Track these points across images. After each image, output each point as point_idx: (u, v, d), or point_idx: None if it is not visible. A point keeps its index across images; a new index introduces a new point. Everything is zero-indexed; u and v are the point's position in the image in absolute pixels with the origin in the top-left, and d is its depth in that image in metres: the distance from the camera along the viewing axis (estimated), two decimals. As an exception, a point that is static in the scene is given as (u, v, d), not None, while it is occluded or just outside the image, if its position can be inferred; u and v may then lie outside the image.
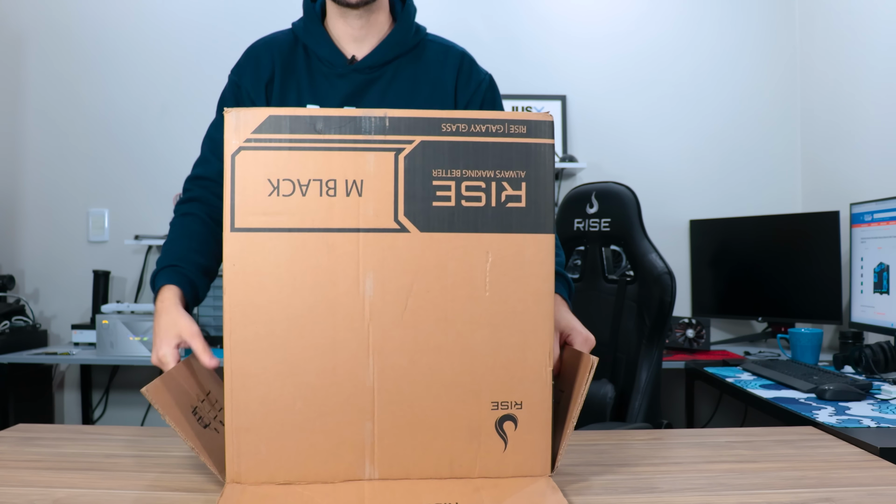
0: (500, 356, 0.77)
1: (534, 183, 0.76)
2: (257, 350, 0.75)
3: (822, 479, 0.88)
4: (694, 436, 1.17)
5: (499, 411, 0.78)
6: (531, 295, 0.77)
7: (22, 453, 0.98)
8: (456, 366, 0.77)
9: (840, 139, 2.61)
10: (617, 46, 2.92)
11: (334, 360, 0.76)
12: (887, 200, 2.05)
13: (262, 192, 0.74)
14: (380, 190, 0.75)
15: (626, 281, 1.64)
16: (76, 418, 2.90)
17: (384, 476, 0.77)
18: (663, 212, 2.81)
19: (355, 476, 0.76)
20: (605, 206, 1.70)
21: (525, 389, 0.78)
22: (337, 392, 0.76)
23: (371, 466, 0.76)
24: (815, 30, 2.78)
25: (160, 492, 0.83)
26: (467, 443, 0.77)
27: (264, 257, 0.75)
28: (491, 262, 0.76)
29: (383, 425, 0.76)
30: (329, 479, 0.76)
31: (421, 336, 0.76)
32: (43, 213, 2.91)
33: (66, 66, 2.90)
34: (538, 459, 0.79)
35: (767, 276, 2.56)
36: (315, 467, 0.76)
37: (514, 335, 0.77)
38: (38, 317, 2.88)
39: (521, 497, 0.75)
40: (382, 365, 0.76)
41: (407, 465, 0.77)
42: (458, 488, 0.76)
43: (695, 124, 2.91)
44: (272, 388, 0.75)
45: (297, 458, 0.76)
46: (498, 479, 0.78)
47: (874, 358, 1.84)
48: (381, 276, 0.75)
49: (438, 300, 0.76)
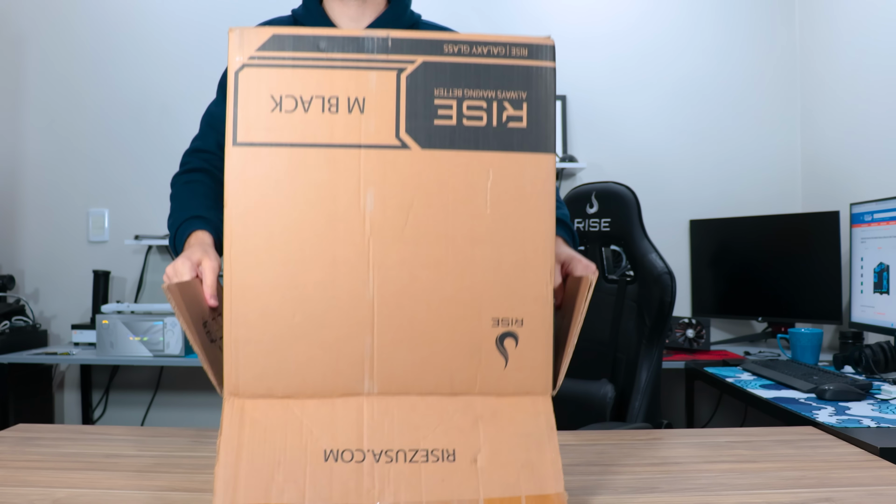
0: (501, 273, 0.77)
1: (535, 104, 0.77)
2: (257, 262, 0.75)
3: (822, 479, 0.88)
4: (694, 436, 1.17)
5: (499, 328, 0.77)
6: (532, 213, 0.78)
7: (22, 453, 0.98)
8: (456, 282, 0.77)
9: (840, 139, 2.61)
10: (617, 46, 2.92)
11: (334, 273, 0.75)
12: (887, 200, 2.05)
13: (264, 108, 0.75)
14: (381, 107, 0.75)
15: (626, 281, 1.64)
16: (76, 418, 2.90)
17: (383, 391, 0.76)
18: (663, 212, 2.81)
19: (354, 391, 0.76)
20: (605, 206, 1.70)
21: (526, 307, 0.78)
22: (336, 305, 0.75)
23: (370, 381, 0.76)
24: (816, 29, 2.78)
25: (160, 492, 0.83)
26: (468, 359, 0.77)
27: (265, 171, 0.75)
28: (492, 179, 0.77)
29: (383, 340, 0.76)
30: (328, 393, 0.75)
31: (421, 251, 0.76)
32: (43, 213, 2.91)
33: (66, 66, 2.91)
34: (539, 378, 0.79)
35: (767, 275, 2.56)
36: (314, 381, 0.75)
37: (515, 253, 0.77)
38: (38, 317, 2.88)
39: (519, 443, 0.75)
40: (382, 279, 0.76)
41: (407, 381, 0.76)
42: (458, 410, 0.76)
43: (695, 124, 2.91)
44: (271, 301, 0.75)
45: (296, 372, 0.75)
46: (499, 401, 0.77)
47: (874, 358, 1.84)
48: (382, 191, 0.76)
49: (439, 216, 0.76)
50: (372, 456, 0.73)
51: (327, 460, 0.73)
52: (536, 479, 0.75)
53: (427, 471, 0.73)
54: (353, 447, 0.74)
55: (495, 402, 0.77)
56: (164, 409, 2.90)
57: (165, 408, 2.90)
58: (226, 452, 0.72)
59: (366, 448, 0.74)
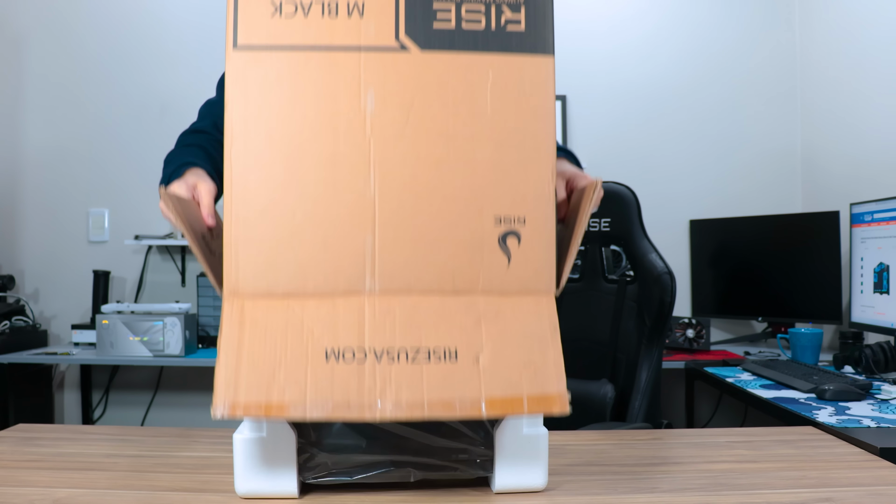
0: (502, 172, 0.77)
1: (533, 8, 0.78)
2: (258, 162, 0.75)
3: (822, 479, 0.88)
4: (694, 436, 1.17)
5: (501, 227, 0.77)
6: (532, 112, 0.78)
7: (22, 453, 0.98)
8: (458, 180, 0.77)
9: (840, 139, 2.61)
10: (617, 46, 2.92)
11: (335, 172, 0.76)
12: (887, 200, 2.05)
13: (264, 12, 0.76)
14: (381, 11, 0.77)
15: (626, 281, 1.64)
16: (76, 418, 2.90)
17: (385, 290, 0.75)
18: (663, 212, 2.81)
19: (356, 289, 0.75)
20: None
21: (528, 205, 0.78)
22: (338, 204, 0.75)
23: (371, 279, 0.75)
24: (816, 29, 2.78)
25: (160, 492, 0.83)
26: (470, 257, 0.77)
27: (265, 74, 0.75)
28: (492, 80, 0.77)
29: (384, 238, 0.76)
30: (329, 292, 0.75)
31: (422, 150, 0.76)
32: (43, 213, 2.91)
33: (66, 65, 2.91)
34: (542, 276, 0.78)
35: (767, 275, 2.56)
36: (315, 280, 0.75)
37: (516, 151, 0.78)
38: (38, 317, 2.88)
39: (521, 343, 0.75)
40: (384, 178, 0.76)
41: (408, 279, 0.76)
42: (461, 310, 0.75)
43: (695, 124, 2.91)
44: (272, 200, 0.75)
45: (297, 271, 0.75)
46: (502, 301, 0.77)
47: (874, 358, 1.84)
48: (383, 92, 0.76)
49: (440, 116, 0.77)
50: (373, 355, 0.73)
51: (328, 360, 0.72)
52: (539, 379, 0.74)
53: (429, 370, 0.73)
54: (355, 346, 0.73)
55: (498, 302, 0.77)
56: (164, 409, 2.90)
57: (165, 408, 2.90)
58: (226, 353, 0.71)
59: (367, 347, 0.73)
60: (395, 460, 0.81)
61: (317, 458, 0.80)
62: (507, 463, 0.82)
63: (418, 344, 0.73)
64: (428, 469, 0.82)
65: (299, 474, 0.80)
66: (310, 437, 0.80)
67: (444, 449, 0.82)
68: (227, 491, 0.82)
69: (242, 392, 0.70)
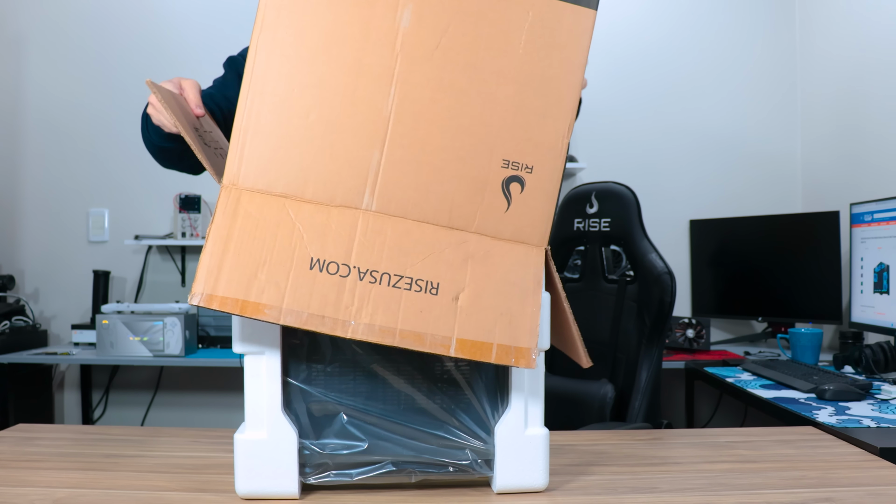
0: (521, 116, 0.77)
1: None
2: (282, 55, 0.74)
3: (822, 479, 0.88)
4: (694, 436, 1.17)
5: (508, 170, 0.77)
6: (563, 63, 0.77)
7: (22, 453, 0.98)
8: (476, 114, 0.76)
9: (840, 139, 2.61)
10: (617, 46, 2.91)
11: (357, 81, 0.75)
12: (887, 200, 2.05)
13: None
14: None
15: (626, 281, 1.64)
16: (76, 418, 2.90)
17: (381, 209, 0.75)
18: (663, 212, 2.81)
19: (353, 203, 0.75)
20: (605, 205, 1.70)
21: (538, 155, 0.77)
22: (353, 113, 0.75)
23: (370, 197, 0.75)
24: (815, 29, 2.78)
25: (160, 492, 0.83)
26: (471, 195, 0.77)
27: None
28: (531, 20, 0.76)
29: (391, 157, 0.75)
30: (326, 200, 0.75)
31: (447, 76, 0.75)
32: (43, 213, 2.91)
33: (66, 65, 2.90)
34: (538, 228, 0.78)
35: (767, 276, 2.55)
36: (314, 185, 0.75)
37: (539, 98, 0.77)
38: (38, 317, 2.88)
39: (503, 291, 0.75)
40: (403, 96, 0.75)
41: (406, 204, 0.75)
42: (451, 245, 0.75)
43: (695, 124, 2.91)
44: (289, 96, 0.74)
45: (299, 172, 0.74)
46: (493, 244, 0.76)
47: (874, 358, 1.84)
48: (420, 10, 0.75)
49: (472, 46, 0.76)
50: (357, 273, 0.72)
51: (312, 269, 0.72)
52: (512, 329, 0.74)
53: (407, 298, 0.73)
54: (340, 261, 0.73)
55: (489, 245, 0.77)
56: (164, 409, 2.90)
57: (165, 408, 2.90)
58: (214, 241, 0.71)
59: (352, 264, 0.73)
60: (396, 460, 0.81)
61: (318, 459, 0.80)
62: (508, 463, 0.82)
63: (402, 271, 0.73)
64: (428, 469, 0.82)
65: (300, 474, 0.80)
66: (310, 437, 0.80)
67: (445, 449, 0.82)
68: (226, 491, 0.82)
69: (223, 284, 0.70)
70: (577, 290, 1.76)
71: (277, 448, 0.79)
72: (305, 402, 0.81)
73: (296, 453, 0.79)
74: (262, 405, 0.79)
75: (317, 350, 0.81)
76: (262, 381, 0.79)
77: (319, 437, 0.80)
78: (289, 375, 0.80)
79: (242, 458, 0.79)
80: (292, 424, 0.79)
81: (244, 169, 0.74)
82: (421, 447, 0.81)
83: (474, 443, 0.82)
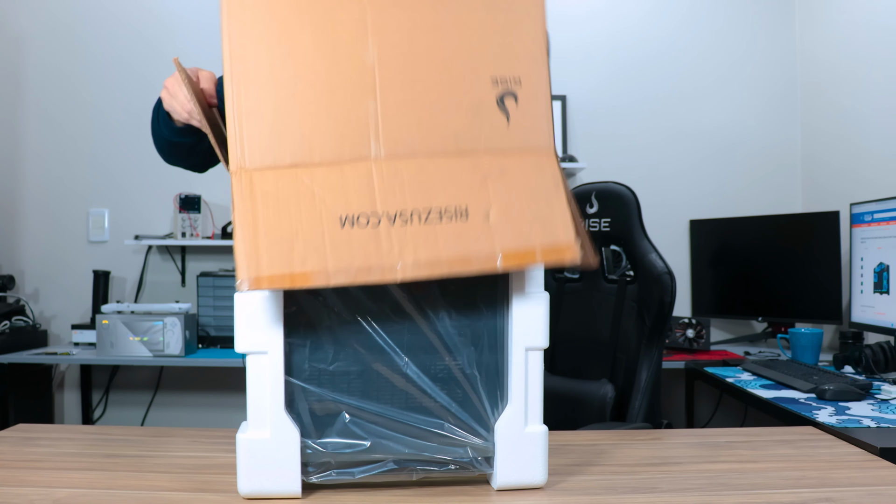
0: (497, 36, 0.79)
1: None
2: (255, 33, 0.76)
3: (822, 479, 0.88)
4: (694, 436, 1.17)
5: (499, 87, 0.79)
6: None
7: (22, 453, 0.98)
8: (454, 44, 0.79)
9: (840, 139, 2.61)
10: (617, 46, 2.92)
11: (334, 39, 0.77)
12: (887, 200, 2.05)
13: None
14: None
15: (626, 281, 1.64)
16: (76, 418, 2.90)
17: (391, 154, 0.76)
18: (663, 212, 2.81)
19: (362, 156, 0.76)
20: (605, 205, 1.70)
21: (523, 66, 0.80)
22: (338, 72, 0.76)
23: (377, 145, 0.76)
24: (816, 29, 2.78)
25: (160, 492, 0.83)
26: (471, 119, 0.78)
27: None
28: None
29: (386, 104, 0.77)
30: (335, 160, 0.76)
31: (418, 17, 0.78)
32: (43, 213, 2.91)
33: (67, 65, 2.90)
34: (542, 135, 0.80)
35: (767, 276, 2.56)
36: (320, 149, 0.76)
37: (507, 14, 0.80)
38: (38, 317, 2.88)
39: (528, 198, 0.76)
40: (381, 44, 0.77)
41: (412, 143, 0.77)
42: (466, 169, 0.77)
43: (695, 124, 2.91)
44: (272, 70, 0.76)
45: (301, 140, 0.76)
46: (504, 160, 0.78)
47: (874, 358, 1.84)
48: None
49: None
50: (387, 219, 0.74)
51: (344, 226, 0.73)
52: (548, 230, 0.76)
53: (442, 229, 0.74)
54: (368, 211, 0.74)
55: (501, 161, 0.78)
56: (164, 409, 2.90)
57: (165, 408, 2.90)
58: (242, 227, 0.72)
59: (380, 211, 0.74)
60: (398, 459, 0.81)
61: (320, 458, 0.81)
62: (508, 460, 0.82)
63: (429, 204, 0.75)
64: (429, 467, 0.82)
65: (302, 473, 0.80)
66: (312, 436, 0.80)
67: (446, 447, 0.82)
68: (227, 491, 0.82)
69: (265, 265, 0.71)
70: (577, 290, 1.76)
71: (280, 447, 0.79)
72: (307, 401, 0.81)
73: (298, 452, 0.79)
74: (264, 405, 0.79)
75: (319, 349, 0.81)
76: (264, 380, 0.79)
77: (321, 437, 0.81)
78: (291, 375, 0.80)
79: (245, 458, 0.79)
80: (294, 424, 0.79)
81: (248, 150, 0.75)
82: (422, 445, 0.81)
83: (474, 440, 0.82)
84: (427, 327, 0.82)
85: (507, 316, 0.83)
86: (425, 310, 0.81)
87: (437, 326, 0.82)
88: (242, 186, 0.73)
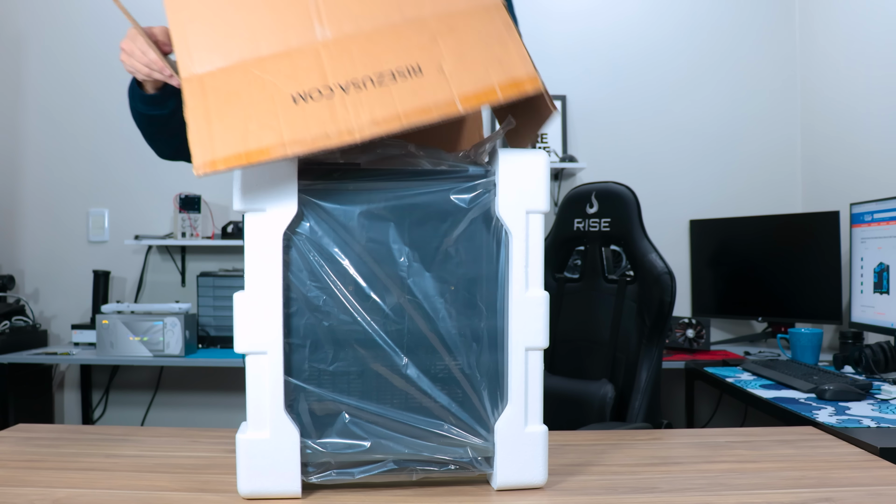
0: None
1: None
2: None
3: (822, 479, 0.88)
4: (694, 436, 1.17)
5: None
6: None
7: (22, 453, 0.98)
8: None
9: (840, 139, 2.61)
10: (617, 46, 2.92)
11: None
12: (887, 200, 2.05)
13: None
14: None
15: (626, 281, 1.64)
16: (76, 418, 2.90)
17: (337, 34, 0.76)
18: (663, 212, 2.81)
19: (309, 41, 0.76)
20: (605, 206, 1.70)
21: None
22: None
23: (321, 27, 0.76)
24: (815, 29, 2.78)
25: (160, 492, 0.83)
26: None
27: None
28: None
29: None
30: (284, 50, 0.76)
31: None
32: (43, 213, 2.91)
33: (67, 65, 2.90)
34: None
35: (767, 276, 2.56)
36: (267, 41, 0.76)
37: None
38: (38, 317, 2.88)
39: (481, 46, 0.75)
40: None
41: (357, 20, 0.77)
42: (414, 32, 0.76)
43: (695, 124, 2.91)
44: None
45: (247, 36, 0.76)
46: (451, 18, 0.77)
47: (874, 358, 1.84)
48: None
49: None
50: (340, 89, 0.73)
51: (297, 103, 0.73)
52: (505, 68, 0.75)
53: (397, 88, 0.74)
54: (320, 85, 0.74)
55: (448, 19, 0.78)
56: (164, 409, 2.90)
57: (165, 408, 2.90)
58: (194, 119, 0.72)
59: (332, 84, 0.74)
60: (398, 459, 0.81)
61: (320, 458, 0.81)
62: (508, 460, 0.82)
63: (380, 69, 0.74)
64: (429, 467, 0.82)
65: (302, 474, 0.80)
66: (312, 436, 0.80)
67: (446, 447, 0.82)
68: (227, 491, 0.82)
69: (219, 148, 0.71)
70: (577, 290, 1.76)
71: (280, 447, 0.79)
72: (307, 401, 0.81)
73: (298, 453, 0.79)
74: (264, 405, 0.79)
75: (319, 349, 0.81)
76: (264, 380, 0.79)
77: (321, 437, 0.81)
78: (291, 375, 0.80)
79: (245, 458, 0.79)
80: (294, 424, 0.79)
81: (195, 56, 0.75)
82: (422, 445, 0.81)
83: (474, 440, 0.82)
84: (427, 327, 0.82)
85: (507, 316, 0.83)
86: (425, 310, 0.81)
87: (437, 326, 0.82)
88: (192, 88, 0.74)
